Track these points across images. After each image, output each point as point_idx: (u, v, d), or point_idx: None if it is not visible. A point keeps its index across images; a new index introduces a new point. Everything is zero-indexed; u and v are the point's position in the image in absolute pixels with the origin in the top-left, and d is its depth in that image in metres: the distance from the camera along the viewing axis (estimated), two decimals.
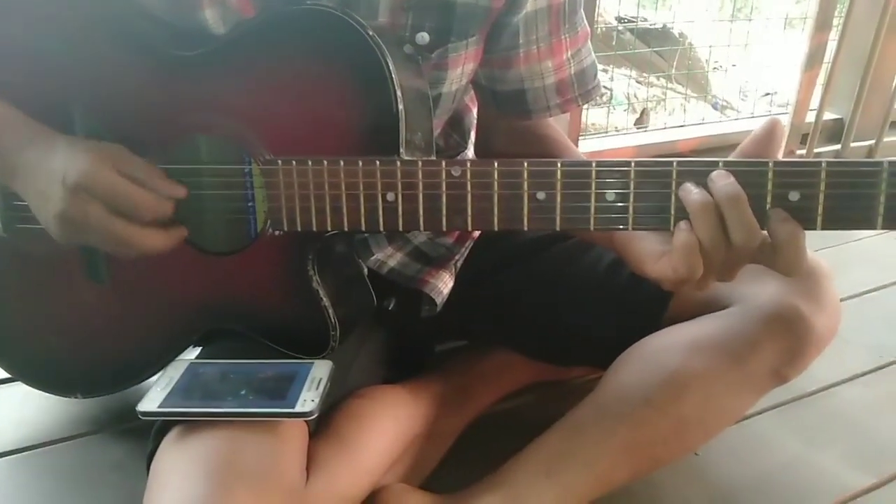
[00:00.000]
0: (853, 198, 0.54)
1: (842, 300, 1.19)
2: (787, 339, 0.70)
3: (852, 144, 1.88)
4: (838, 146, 1.88)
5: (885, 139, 1.91)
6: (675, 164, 0.56)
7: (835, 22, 1.73)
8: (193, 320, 0.69)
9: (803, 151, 1.82)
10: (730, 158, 0.56)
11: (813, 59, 1.72)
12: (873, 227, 0.54)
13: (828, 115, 1.87)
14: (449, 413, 0.84)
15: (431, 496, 0.72)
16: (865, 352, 1.08)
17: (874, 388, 1.01)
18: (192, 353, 0.72)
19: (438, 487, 0.76)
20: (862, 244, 1.42)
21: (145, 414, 0.61)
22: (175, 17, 0.65)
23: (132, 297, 0.70)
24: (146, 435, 0.64)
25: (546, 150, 0.81)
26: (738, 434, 0.88)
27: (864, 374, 1.04)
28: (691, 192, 0.54)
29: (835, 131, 1.92)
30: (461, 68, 0.73)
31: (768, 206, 0.55)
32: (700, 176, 0.55)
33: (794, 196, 0.54)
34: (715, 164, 0.55)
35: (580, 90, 0.80)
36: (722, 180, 0.54)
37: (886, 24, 1.72)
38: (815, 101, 1.81)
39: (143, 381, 0.73)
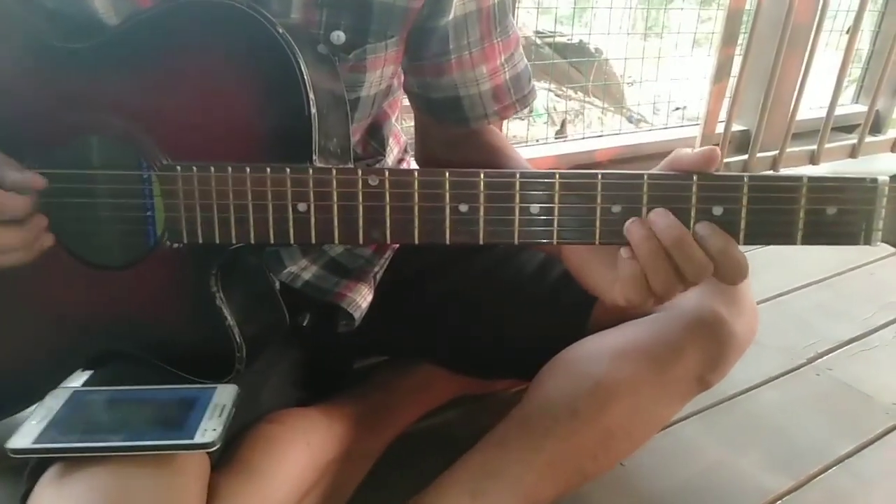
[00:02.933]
0: (774, 213, 0.54)
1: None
2: (709, 344, 0.70)
3: (758, 155, 1.97)
4: (746, 156, 1.96)
5: (788, 150, 2.01)
6: (599, 176, 0.54)
7: (740, 39, 1.81)
8: (80, 342, 0.63)
9: None
10: (653, 171, 0.55)
11: (721, 73, 1.79)
12: (793, 243, 0.54)
13: (736, 127, 1.95)
14: (367, 434, 0.80)
15: None
16: (778, 354, 1.13)
17: (788, 390, 1.05)
18: (78, 380, 0.65)
19: None
20: (770, 249, 1.46)
21: (17, 452, 0.54)
22: (61, 5, 0.59)
23: (9, 315, 0.63)
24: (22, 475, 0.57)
25: (489, 160, 0.79)
26: (661, 441, 0.88)
27: (778, 376, 1.08)
28: (637, 236, 0.53)
29: (742, 142, 2.00)
30: (380, 71, 0.70)
31: (692, 220, 0.54)
32: (625, 189, 0.54)
33: (717, 211, 0.54)
34: (640, 177, 0.54)
35: (517, 95, 0.79)
36: (662, 221, 0.53)
37: (787, 40, 1.81)
38: (723, 114, 1.88)
39: (21, 411, 0.66)
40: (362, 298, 0.79)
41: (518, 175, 0.55)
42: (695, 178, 0.54)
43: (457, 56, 0.73)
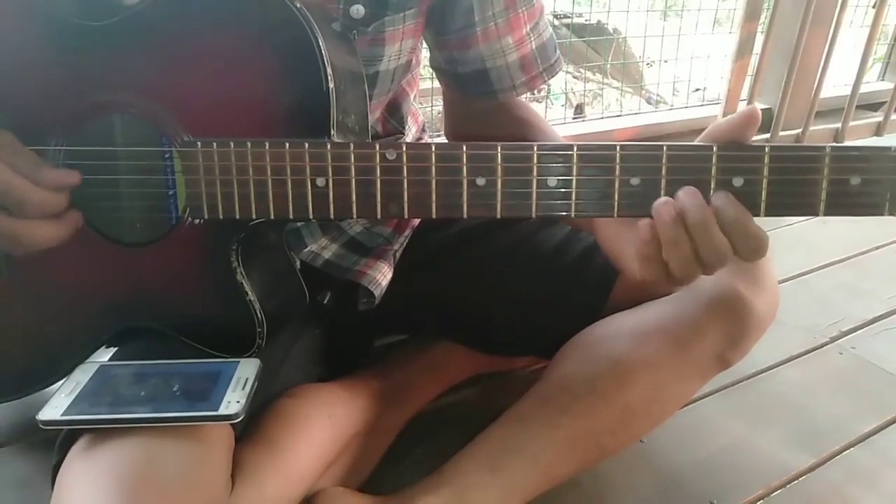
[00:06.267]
0: (796, 184, 0.53)
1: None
2: (729, 323, 0.69)
3: (781, 133, 1.94)
4: (768, 135, 1.94)
5: (811, 128, 1.97)
6: (618, 148, 0.54)
7: (762, 16, 1.77)
8: (105, 317, 0.63)
9: None
10: (674, 143, 0.54)
11: (743, 49, 1.76)
12: (815, 214, 0.53)
13: (758, 105, 1.91)
14: (388, 409, 0.80)
15: (371, 498, 0.69)
16: (801, 333, 1.11)
17: (810, 369, 1.04)
18: (105, 355, 0.66)
19: (379, 488, 0.72)
20: (793, 229, 1.46)
21: (47, 423, 0.55)
22: None
23: (36, 293, 0.63)
24: (53, 448, 0.59)
25: (522, 134, 0.78)
26: (682, 419, 0.88)
27: (800, 355, 1.06)
28: (665, 217, 0.52)
29: (765, 121, 1.97)
30: (399, 44, 0.70)
31: (712, 192, 0.53)
32: (644, 160, 0.54)
33: (738, 182, 0.53)
34: (659, 149, 0.54)
35: (544, 65, 0.78)
36: (690, 200, 0.51)
37: (811, 15, 1.77)
38: (745, 93, 1.85)
39: (49, 386, 0.66)
40: (382, 276, 0.79)
41: (536, 148, 0.54)
42: (715, 148, 0.53)
43: (482, 28, 0.73)
